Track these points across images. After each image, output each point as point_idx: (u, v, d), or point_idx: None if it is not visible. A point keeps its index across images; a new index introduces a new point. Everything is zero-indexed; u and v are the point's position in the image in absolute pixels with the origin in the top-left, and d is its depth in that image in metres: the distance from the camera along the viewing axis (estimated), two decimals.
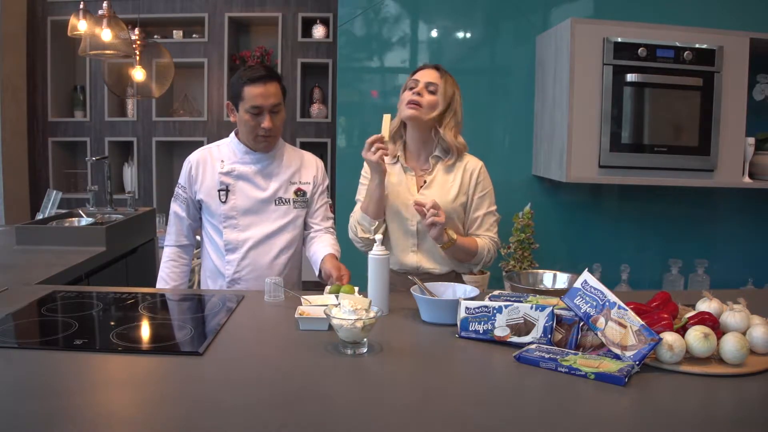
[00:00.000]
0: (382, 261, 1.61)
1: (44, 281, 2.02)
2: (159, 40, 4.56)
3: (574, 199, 3.34)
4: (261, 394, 1.13)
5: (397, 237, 1.95)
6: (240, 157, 2.02)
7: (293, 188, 2.05)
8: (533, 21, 3.26)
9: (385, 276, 1.61)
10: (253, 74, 1.91)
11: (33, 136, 4.76)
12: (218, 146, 2.08)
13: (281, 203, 2.03)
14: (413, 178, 1.96)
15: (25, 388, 1.13)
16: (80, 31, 3.12)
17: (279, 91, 1.95)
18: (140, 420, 1.02)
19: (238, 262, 2.00)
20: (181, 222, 2.08)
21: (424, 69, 1.95)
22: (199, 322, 1.56)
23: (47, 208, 3.17)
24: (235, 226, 2.00)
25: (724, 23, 3.05)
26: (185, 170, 2.05)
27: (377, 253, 1.61)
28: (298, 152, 2.14)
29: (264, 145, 1.99)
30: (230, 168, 2.01)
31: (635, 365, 1.21)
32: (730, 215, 3.42)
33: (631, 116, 2.87)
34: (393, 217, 1.94)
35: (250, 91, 1.90)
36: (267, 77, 1.91)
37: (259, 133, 1.95)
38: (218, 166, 2.01)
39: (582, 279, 1.37)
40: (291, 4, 4.66)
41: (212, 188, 2.01)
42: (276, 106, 1.93)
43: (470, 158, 1.98)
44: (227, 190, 2.00)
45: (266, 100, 1.90)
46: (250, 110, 1.91)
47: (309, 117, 4.78)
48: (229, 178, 2.01)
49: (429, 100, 1.89)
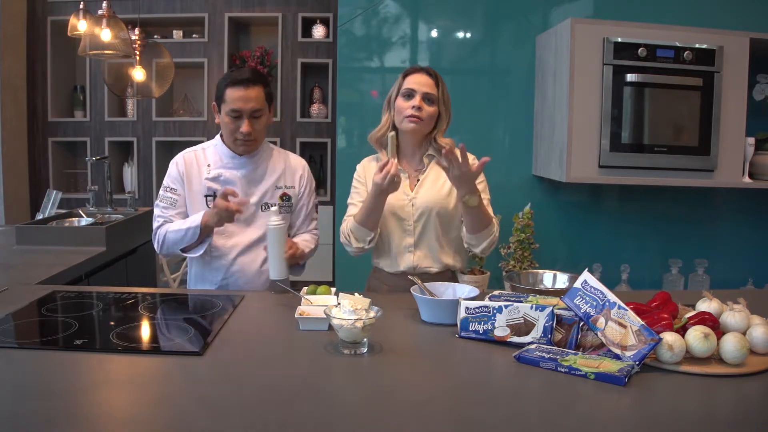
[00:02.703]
0: (280, 230, 1.78)
1: (44, 281, 2.02)
2: (159, 40, 4.56)
3: (574, 199, 3.34)
4: (261, 394, 1.13)
5: (394, 238, 1.95)
6: (225, 161, 1.98)
7: (279, 193, 2.02)
8: (533, 21, 3.25)
9: (282, 243, 1.79)
10: (236, 76, 1.88)
11: (33, 136, 4.76)
12: (204, 149, 2.03)
13: (266, 208, 1.99)
14: (407, 179, 1.96)
15: (25, 388, 1.13)
16: (80, 31, 3.12)
17: (262, 96, 1.90)
18: (140, 420, 1.02)
19: (226, 269, 1.97)
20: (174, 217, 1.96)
21: (417, 74, 1.91)
22: (199, 322, 1.56)
23: (47, 208, 3.17)
24: (222, 232, 1.95)
25: (724, 23, 3.05)
26: (174, 170, 1.98)
27: (274, 223, 1.77)
28: (283, 155, 2.09)
29: (243, 148, 1.95)
30: (217, 173, 1.97)
31: (635, 365, 1.21)
32: (730, 215, 3.42)
33: (631, 116, 2.87)
34: (389, 217, 1.94)
35: (231, 94, 1.87)
36: (249, 81, 1.87)
37: (238, 137, 1.91)
38: (205, 171, 1.97)
39: (582, 279, 1.37)
40: (291, 4, 4.66)
41: (199, 193, 1.97)
42: (256, 111, 1.90)
43: None
44: (214, 195, 1.95)
45: (246, 104, 1.86)
46: (230, 113, 1.88)
47: (309, 117, 4.78)
48: (216, 183, 1.97)
49: (429, 113, 1.89)
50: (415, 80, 1.89)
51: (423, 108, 1.87)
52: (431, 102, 1.89)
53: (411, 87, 1.89)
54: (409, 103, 1.88)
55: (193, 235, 1.86)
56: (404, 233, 1.94)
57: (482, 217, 1.83)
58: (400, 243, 1.94)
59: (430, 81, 1.89)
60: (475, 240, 1.87)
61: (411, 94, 1.88)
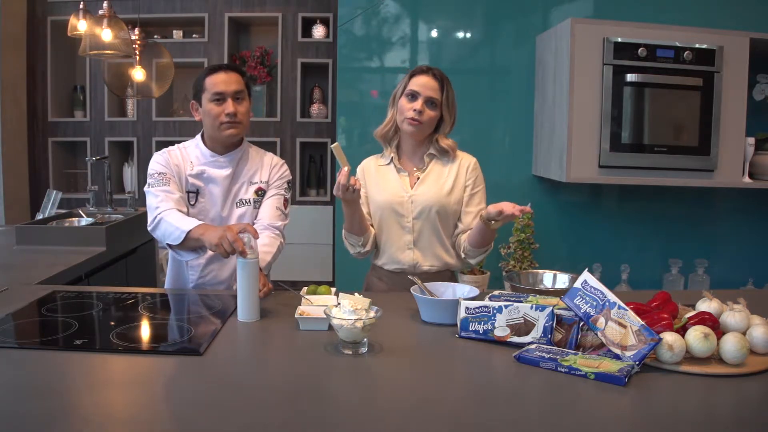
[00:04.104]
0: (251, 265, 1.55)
1: (44, 281, 2.02)
2: (159, 40, 4.56)
3: (574, 199, 3.34)
4: (261, 394, 1.13)
5: (393, 235, 1.96)
6: (207, 159, 1.96)
7: (253, 188, 1.99)
8: (533, 21, 3.26)
9: (254, 281, 1.56)
10: (213, 66, 1.94)
11: (33, 136, 4.75)
12: (185, 147, 2.01)
13: (242, 204, 1.97)
14: (407, 177, 1.97)
15: (25, 388, 1.13)
16: (80, 31, 3.12)
17: (241, 81, 1.93)
18: (140, 420, 1.02)
19: (202, 268, 1.96)
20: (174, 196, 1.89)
21: (423, 76, 1.90)
22: (199, 322, 1.56)
23: (47, 208, 3.17)
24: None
25: (724, 23, 3.05)
26: (164, 158, 1.94)
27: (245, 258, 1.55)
28: (260, 153, 2.06)
29: (230, 132, 1.91)
30: (200, 170, 1.95)
31: (635, 365, 1.21)
32: (730, 215, 3.42)
33: (631, 116, 2.87)
34: (388, 215, 1.95)
35: (211, 80, 1.89)
36: (227, 67, 1.93)
37: (223, 120, 1.89)
38: (188, 168, 1.95)
39: (582, 279, 1.37)
40: (291, 4, 4.66)
41: (182, 189, 1.94)
42: (239, 93, 1.91)
43: (464, 155, 2.00)
44: (197, 192, 1.95)
45: (228, 86, 1.89)
46: (213, 98, 1.89)
47: (309, 117, 4.78)
48: (198, 180, 1.95)
49: (429, 116, 1.89)
50: (421, 82, 1.89)
51: (424, 112, 1.88)
52: (434, 106, 1.89)
53: (415, 89, 1.89)
54: (411, 105, 1.88)
55: (178, 237, 1.77)
56: (403, 230, 1.95)
57: (491, 237, 1.90)
58: (399, 240, 1.95)
59: (435, 84, 1.89)
60: (475, 253, 1.94)
61: (414, 97, 1.89)
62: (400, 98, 1.92)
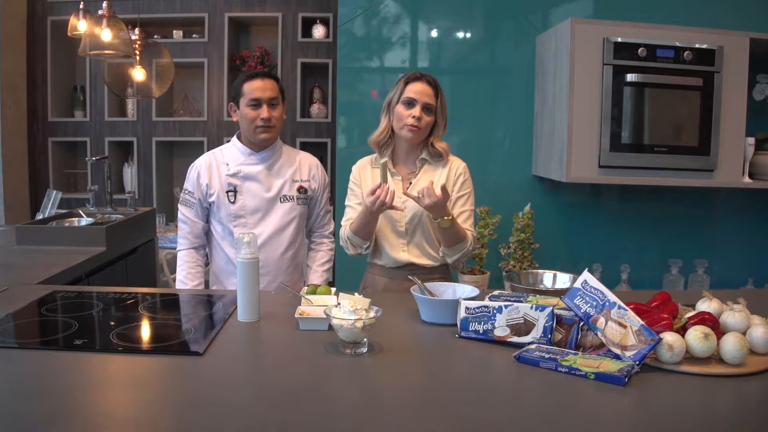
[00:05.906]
0: (252, 264, 1.54)
1: (44, 281, 2.02)
2: (159, 40, 4.56)
3: (574, 199, 3.34)
4: (261, 394, 1.13)
5: (388, 236, 2.01)
6: (244, 159, 2.13)
7: (296, 186, 2.17)
8: (533, 21, 3.25)
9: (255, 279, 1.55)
10: (252, 72, 2.11)
11: (33, 136, 4.75)
12: (221, 150, 2.19)
13: (286, 200, 2.14)
14: (399, 182, 2.01)
15: (25, 388, 1.13)
16: (80, 31, 3.12)
17: (276, 88, 2.10)
18: (140, 420, 1.02)
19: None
20: (193, 225, 2.16)
21: (418, 83, 1.95)
22: (200, 322, 1.56)
23: (47, 208, 3.17)
24: (244, 224, 2.11)
25: (724, 23, 3.05)
26: (192, 176, 2.15)
27: (244, 257, 1.53)
28: (295, 152, 2.26)
29: (264, 136, 2.09)
30: (236, 169, 2.12)
31: (635, 365, 1.21)
32: (730, 215, 3.41)
33: (631, 116, 2.87)
34: (383, 218, 1.98)
35: (249, 86, 2.06)
36: (264, 74, 2.10)
37: (258, 124, 2.07)
38: (224, 169, 2.12)
39: (582, 279, 1.37)
40: (291, 4, 4.66)
41: (221, 190, 2.11)
42: (273, 99, 2.08)
43: (454, 159, 2.05)
44: (235, 190, 2.10)
45: (264, 92, 2.05)
46: (250, 103, 2.06)
47: (309, 117, 4.78)
48: (236, 179, 2.11)
49: (427, 122, 1.95)
50: (417, 89, 1.94)
51: (422, 118, 1.93)
52: (430, 111, 1.95)
53: (412, 96, 1.93)
54: (410, 111, 1.93)
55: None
56: (397, 234, 2.00)
57: (456, 234, 1.90)
58: (394, 242, 2.00)
59: (431, 91, 1.95)
60: (449, 252, 1.96)
61: (412, 104, 1.93)
62: (396, 105, 1.96)
